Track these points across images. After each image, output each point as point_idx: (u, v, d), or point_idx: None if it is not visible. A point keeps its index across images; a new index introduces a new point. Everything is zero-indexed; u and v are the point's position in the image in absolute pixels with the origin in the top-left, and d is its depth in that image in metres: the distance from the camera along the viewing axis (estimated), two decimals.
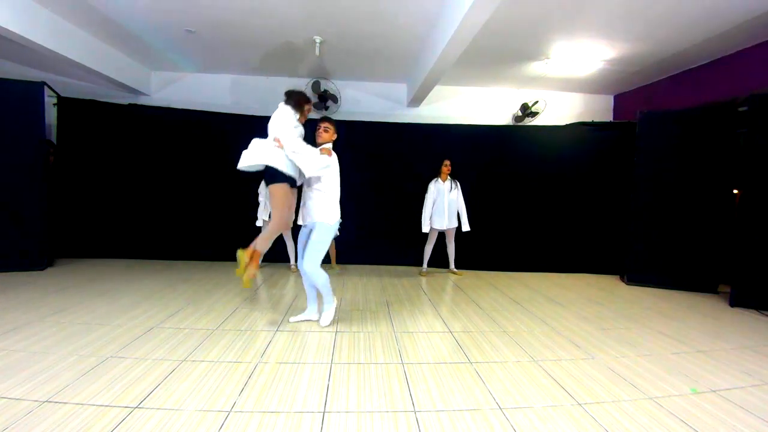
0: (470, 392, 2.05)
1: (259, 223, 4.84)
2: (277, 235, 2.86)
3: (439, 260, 5.15)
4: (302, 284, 4.28)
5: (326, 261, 5.18)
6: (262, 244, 2.74)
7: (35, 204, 4.49)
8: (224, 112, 5.53)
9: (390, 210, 5.59)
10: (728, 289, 4.05)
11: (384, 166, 5.61)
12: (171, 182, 5.35)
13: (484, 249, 5.43)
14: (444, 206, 4.79)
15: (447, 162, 4.84)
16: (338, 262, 5.29)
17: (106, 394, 1.89)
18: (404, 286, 4.38)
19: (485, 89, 6.42)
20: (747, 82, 4.37)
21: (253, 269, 2.66)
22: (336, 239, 5.20)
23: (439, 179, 4.87)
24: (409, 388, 2.07)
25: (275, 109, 2.87)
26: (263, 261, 5.27)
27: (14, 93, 4.39)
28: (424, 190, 4.91)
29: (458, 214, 4.87)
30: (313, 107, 5.95)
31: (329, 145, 2.89)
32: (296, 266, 4.30)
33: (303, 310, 3.17)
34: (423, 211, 4.85)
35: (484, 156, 5.57)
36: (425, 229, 4.83)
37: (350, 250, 5.40)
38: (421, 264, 5.07)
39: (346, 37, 4.55)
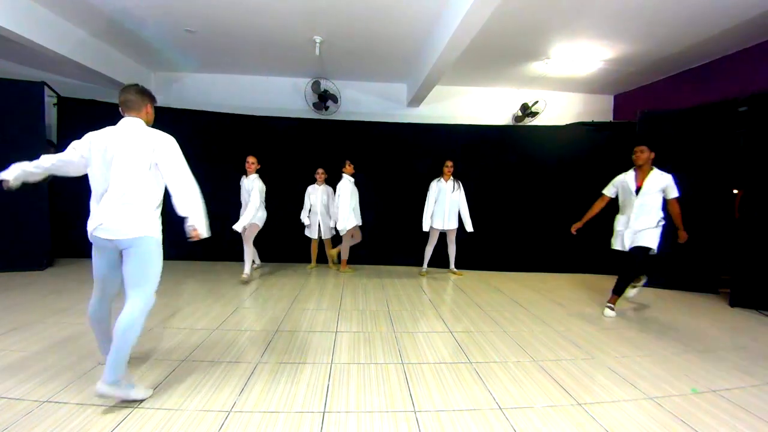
0: (470, 392, 2.05)
1: (238, 228, 4.19)
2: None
3: (439, 260, 5.14)
4: (302, 283, 4.32)
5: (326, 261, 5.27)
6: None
7: (35, 204, 4.49)
8: (224, 112, 5.53)
9: (390, 210, 5.59)
10: (728, 290, 4.06)
11: (384, 167, 5.61)
12: None
13: (485, 249, 5.43)
14: (445, 206, 4.77)
15: (449, 163, 4.81)
16: (336, 262, 5.30)
17: None
18: (404, 286, 4.38)
19: (485, 89, 6.42)
20: (747, 82, 4.37)
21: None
22: (334, 239, 5.22)
23: (442, 179, 4.86)
24: (409, 388, 2.07)
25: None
26: (262, 261, 5.28)
27: (14, 93, 4.39)
28: (425, 190, 4.91)
29: (460, 215, 4.85)
30: (314, 107, 5.98)
31: None
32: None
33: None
34: (425, 209, 4.83)
35: (484, 156, 5.57)
36: (425, 227, 4.82)
37: (350, 250, 5.39)
38: (421, 264, 5.07)
39: (346, 37, 4.54)
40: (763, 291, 3.77)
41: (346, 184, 4.75)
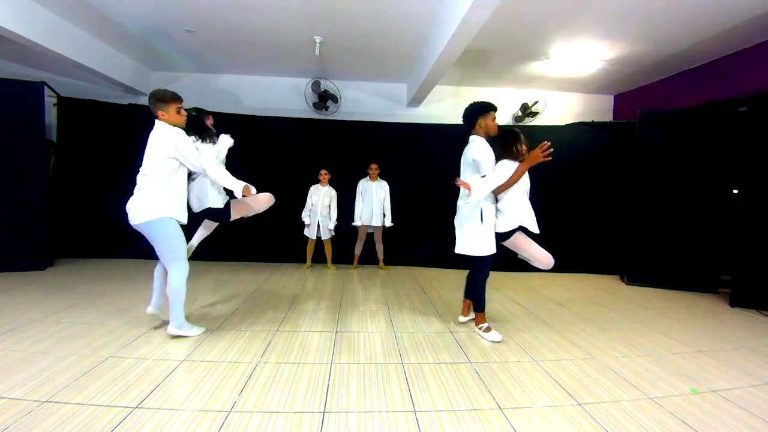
0: (470, 392, 2.05)
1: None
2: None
3: (438, 260, 5.14)
4: (302, 283, 4.32)
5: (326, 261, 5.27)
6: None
7: (35, 204, 4.49)
8: (224, 112, 5.52)
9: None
10: (728, 290, 4.06)
11: (383, 166, 5.60)
12: None
13: None
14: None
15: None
16: (334, 262, 5.30)
17: (106, 394, 1.89)
18: (404, 286, 4.38)
19: (485, 89, 6.41)
20: (747, 82, 4.37)
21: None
22: (333, 240, 5.23)
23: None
24: (409, 388, 2.07)
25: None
26: (261, 261, 5.28)
27: (14, 93, 4.39)
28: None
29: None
30: (314, 107, 5.98)
31: None
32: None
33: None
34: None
35: None
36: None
37: (350, 250, 5.39)
38: (420, 263, 5.04)
39: (346, 37, 4.54)
40: (763, 291, 3.78)
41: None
